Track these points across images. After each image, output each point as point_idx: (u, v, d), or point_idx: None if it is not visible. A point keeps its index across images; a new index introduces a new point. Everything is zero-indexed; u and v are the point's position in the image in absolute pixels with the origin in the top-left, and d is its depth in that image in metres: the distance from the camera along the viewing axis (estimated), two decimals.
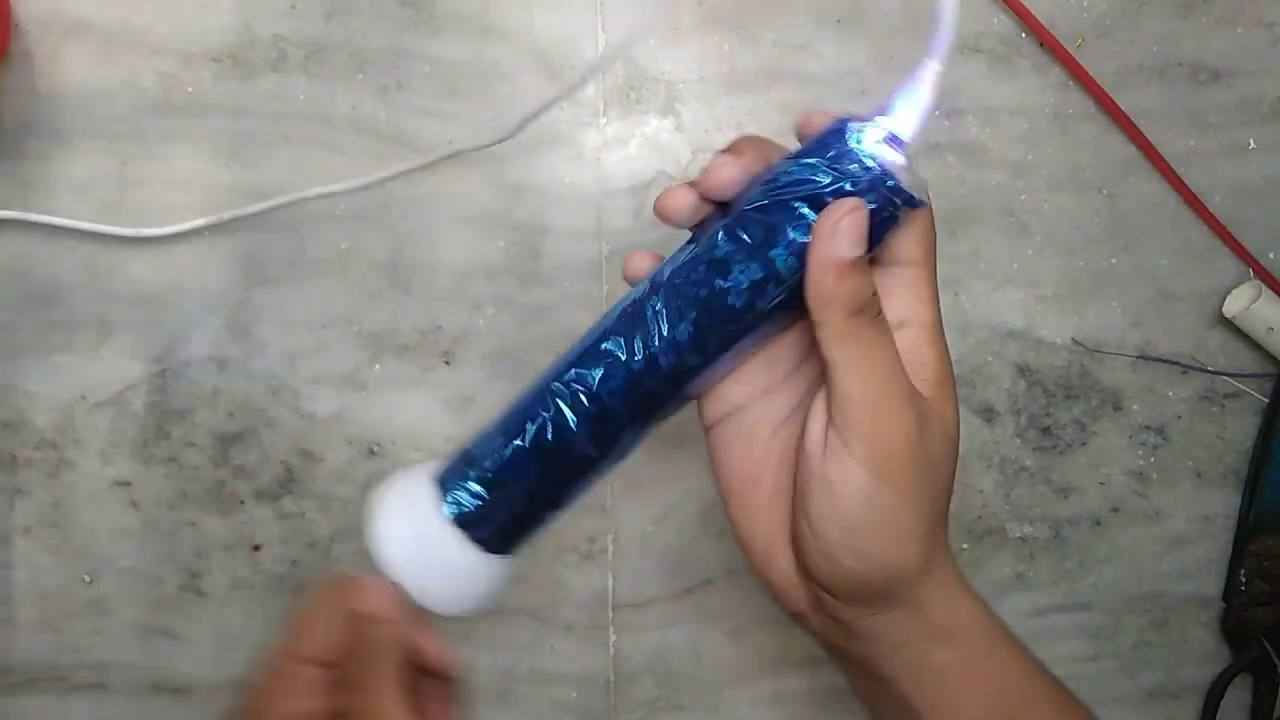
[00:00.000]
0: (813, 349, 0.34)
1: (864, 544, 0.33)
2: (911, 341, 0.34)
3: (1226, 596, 0.52)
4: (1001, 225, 0.51)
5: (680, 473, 0.51)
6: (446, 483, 0.35)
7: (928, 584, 0.34)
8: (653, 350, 0.34)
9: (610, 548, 0.51)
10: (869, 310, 0.32)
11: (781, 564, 0.36)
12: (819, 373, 0.34)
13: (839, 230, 0.31)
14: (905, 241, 0.34)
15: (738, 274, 0.33)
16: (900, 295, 0.34)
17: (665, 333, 0.33)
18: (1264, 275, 0.51)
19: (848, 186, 0.32)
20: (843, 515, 0.32)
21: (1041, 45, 0.51)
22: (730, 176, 0.33)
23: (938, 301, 0.35)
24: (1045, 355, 0.52)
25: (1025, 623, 0.52)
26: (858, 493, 0.32)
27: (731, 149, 0.34)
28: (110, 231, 0.48)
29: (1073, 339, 0.52)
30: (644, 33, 0.48)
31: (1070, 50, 0.50)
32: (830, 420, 0.33)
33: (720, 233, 0.33)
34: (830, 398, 0.33)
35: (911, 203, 0.32)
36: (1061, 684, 0.36)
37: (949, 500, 0.35)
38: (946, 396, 0.34)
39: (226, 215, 0.48)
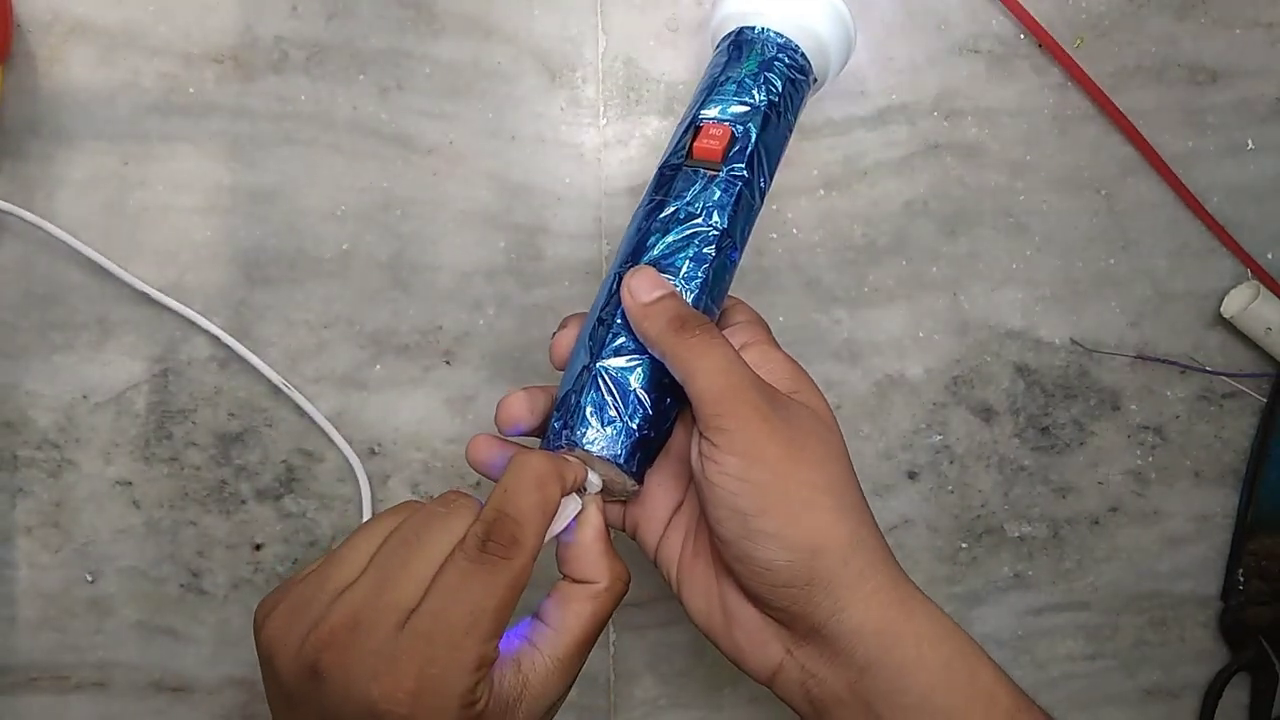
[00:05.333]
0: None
1: (761, 525, 0.34)
2: (757, 355, 0.38)
3: (1224, 596, 0.53)
4: (1000, 225, 0.51)
5: None
6: None
7: (861, 583, 0.34)
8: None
9: None
10: (693, 323, 0.36)
11: (741, 618, 0.37)
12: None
13: (631, 288, 0.37)
14: (730, 315, 0.40)
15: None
16: (737, 335, 0.39)
17: None
18: (1262, 275, 0.51)
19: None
20: (732, 508, 0.34)
21: (1040, 46, 0.51)
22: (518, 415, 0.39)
23: (769, 332, 0.40)
24: (1044, 355, 0.52)
25: (1024, 622, 0.52)
26: (734, 480, 0.34)
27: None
28: (115, 271, 0.48)
29: (1071, 339, 0.52)
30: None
31: (1069, 51, 0.51)
32: (698, 431, 0.35)
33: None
34: (692, 410, 0.35)
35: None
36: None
37: (851, 483, 0.36)
38: (806, 388, 0.38)
39: None
